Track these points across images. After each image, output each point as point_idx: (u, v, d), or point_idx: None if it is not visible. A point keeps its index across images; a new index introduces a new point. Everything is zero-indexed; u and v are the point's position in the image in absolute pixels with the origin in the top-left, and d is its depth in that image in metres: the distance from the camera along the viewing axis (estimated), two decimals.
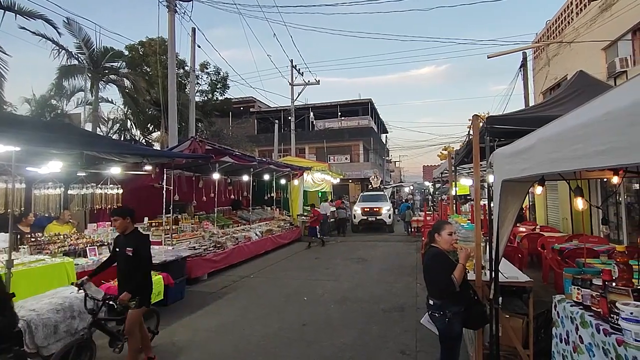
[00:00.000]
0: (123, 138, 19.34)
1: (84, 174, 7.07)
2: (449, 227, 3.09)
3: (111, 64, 18.22)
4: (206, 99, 22.15)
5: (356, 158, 30.27)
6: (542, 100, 8.18)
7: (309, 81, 21.94)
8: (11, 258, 4.27)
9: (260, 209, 13.95)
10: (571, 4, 11.13)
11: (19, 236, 5.60)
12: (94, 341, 3.67)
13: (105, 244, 6.48)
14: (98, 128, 17.22)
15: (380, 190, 21.52)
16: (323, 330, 4.99)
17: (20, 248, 5.43)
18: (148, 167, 7.25)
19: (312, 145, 30.33)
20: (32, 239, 5.65)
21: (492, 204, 3.23)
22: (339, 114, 30.55)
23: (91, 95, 17.30)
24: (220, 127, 23.80)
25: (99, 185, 7.20)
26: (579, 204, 4.07)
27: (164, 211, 7.77)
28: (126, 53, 19.30)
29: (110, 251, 4.63)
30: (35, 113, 16.09)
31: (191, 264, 7.35)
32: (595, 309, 2.41)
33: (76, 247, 5.90)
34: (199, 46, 12.87)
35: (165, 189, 7.71)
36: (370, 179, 25.24)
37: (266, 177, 12.73)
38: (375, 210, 16.37)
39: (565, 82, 5.73)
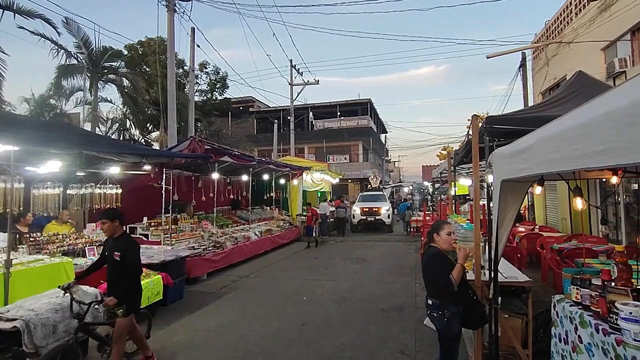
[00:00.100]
0: (122, 138, 19.31)
1: (83, 174, 7.06)
2: (448, 227, 3.09)
3: (110, 63, 18.18)
4: (205, 98, 22.13)
5: (355, 158, 30.29)
6: (542, 101, 8.19)
7: (308, 81, 21.97)
8: (10, 258, 4.26)
9: (260, 209, 13.95)
10: (570, 4, 11.15)
11: (17, 236, 5.59)
12: (80, 346, 3.47)
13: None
14: (97, 128, 17.18)
15: (379, 190, 21.52)
16: (322, 330, 4.98)
17: (19, 248, 5.42)
18: (147, 167, 7.24)
19: (312, 145, 30.35)
20: (31, 239, 5.63)
21: (492, 204, 3.24)
22: (338, 113, 30.56)
23: (90, 95, 17.28)
24: (219, 127, 23.79)
25: (98, 185, 7.19)
26: (578, 203, 4.08)
27: (163, 211, 7.77)
28: (125, 53, 19.27)
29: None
30: (34, 113, 16.06)
31: (190, 263, 7.35)
32: (594, 309, 2.42)
33: (75, 247, 5.89)
34: (199, 46, 12.87)
35: (164, 189, 7.70)
36: (370, 179, 25.25)
37: (265, 177, 12.73)
38: (374, 210, 16.37)
39: (565, 83, 5.74)
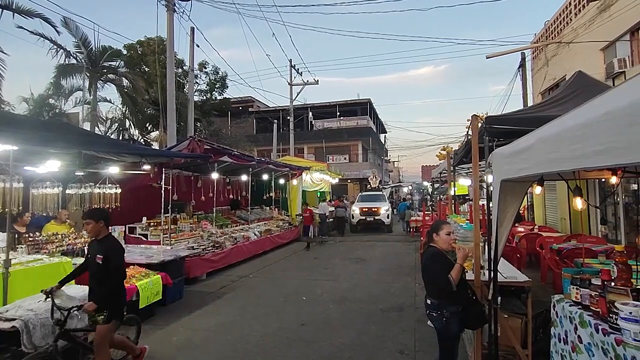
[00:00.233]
0: (121, 137, 19.29)
1: (82, 174, 7.05)
2: (447, 227, 3.10)
3: (109, 63, 18.16)
4: (205, 98, 22.11)
5: (355, 158, 30.29)
6: (541, 101, 8.20)
7: (307, 81, 21.96)
8: (9, 258, 4.26)
9: (259, 209, 13.94)
10: (570, 4, 11.15)
11: (16, 236, 5.58)
12: (61, 354, 3.28)
13: None
14: (96, 127, 17.16)
15: (378, 190, 21.53)
16: (322, 330, 4.98)
17: (18, 248, 5.41)
18: (146, 167, 7.22)
19: (311, 145, 30.35)
20: (30, 239, 5.63)
21: (491, 204, 3.24)
22: (338, 113, 30.56)
23: (89, 95, 17.25)
24: (219, 127, 23.78)
25: (97, 185, 7.18)
26: (578, 203, 4.08)
27: (163, 211, 7.76)
28: (124, 52, 19.24)
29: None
30: (33, 112, 16.03)
31: (190, 263, 7.35)
32: (594, 309, 2.42)
33: (74, 247, 5.88)
34: (198, 46, 12.85)
35: (163, 189, 7.69)
36: (369, 179, 25.26)
37: (265, 177, 12.73)
38: (373, 210, 16.36)
39: (564, 83, 5.74)
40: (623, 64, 8.65)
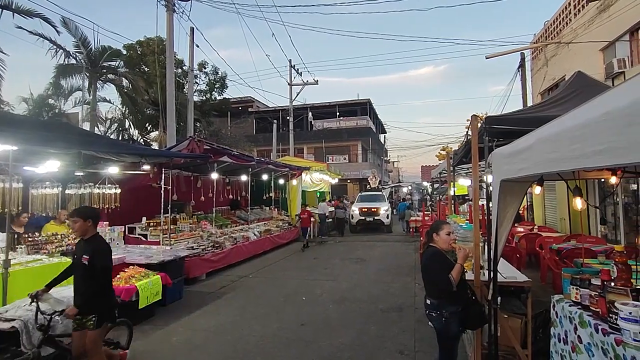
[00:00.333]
0: (121, 138, 19.28)
1: (82, 174, 7.05)
2: (447, 227, 3.10)
3: (109, 63, 18.15)
4: (204, 98, 22.09)
5: (354, 158, 30.29)
6: (541, 101, 8.20)
7: (307, 81, 21.94)
8: (8, 258, 4.26)
9: (259, 209, 13.93)
10: (569, 4, 11.16)
11: (16, 236, 5.57)
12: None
13: None
14: (96, 127, 17.15)
15: (378, 191, 21.52)
16: (321, 330, 4.98)
17: (17, 248, 5.41)
18: (146, 167, 7.22)
19: (311, 145, 30.34)
20: (30, 239, 5.62)
21: (491, 204, 3.24)
22: (338, 114, 30.55)
23: (89, 95, 17.24)
24: (218, 127, 23.77)
25: (97, 185, 7.18)
26: (578, 203, 4.08)
27: (162, 211, 7.75)
28: (124, 52, 19.23)
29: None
30: (33, 112, 16.03)
31: (189, 263, 7.35)
32: (594, 309, 2.42)
33: (74, 247, 5.85)
34: (198, 46, 12.83)
35: (163, 189, 7.69)
36: (369, 179, 25.25)
37: (265, 177, 12.72)
38: (373, 210, 16.34)
39: (564, 83, 5.74)
40: (622, 64, 8.66)
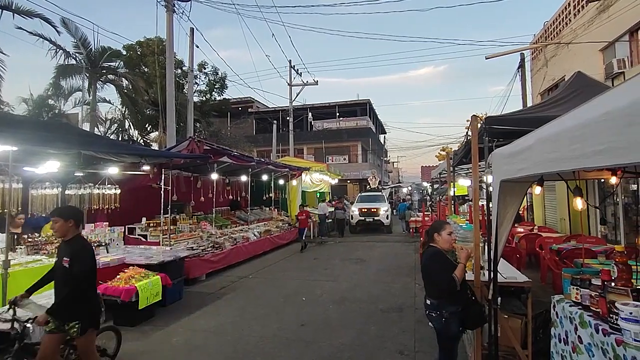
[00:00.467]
0: (121, 138, 19.28)
1: (82, 174, 7.05)
2: (449, 227, 3.11)
3: (109, 63, 18.17)
4: (204, 99, 22.10)
5: (354, 158, 30.30)
6: (541, 101, 8.20)
7: (307, 81, 21.96)
8: (8, 258, 4.25)
9: (259, 210, 13.93)
10: (569, 5, 11.17)
11: (16, 236, 5.57)
12: None
13: (103, 244, 6.46)
14: (96, 128, 17.16)
15: (378, 191, 21.51)
16: (321, 330, 4.98)
17: (17, 248, 5.41)
18: (146, 167, 7.23)
19: (311, 145, 30.35)
20: (29, 240, 5.62)
21: (491, 205, 3.24)
22: (337, 114, 30.56)
23: (89, 95, 17.25)
24: (218, 128, 23.77)
25: (97, 186, 7.18)
26: (578, 203, 4.08)
27: (162, 211, 7.75)
28: (124, 53, 19.24)
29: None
30: (33, 113, 16.04)
31: (189, 264, 7.34)
32: (594, 309, 2.42)
33: None
34: (197, 46, 12.83)
35: (163, 189, 7.69)
36: (369, 180, 25.25)
37: (264, 178, 12.72)
38: (372, 210, 16.32)
39: (563, 83, 5.74)
40: (622, 65, 8.66)
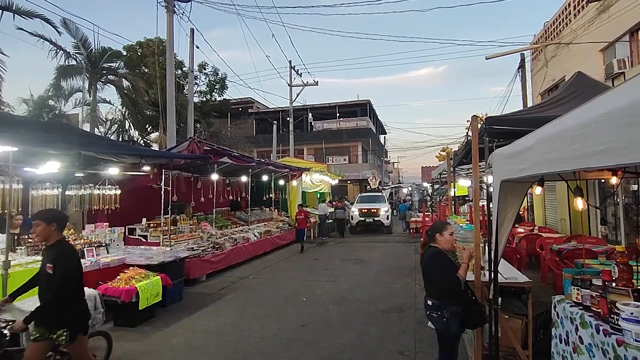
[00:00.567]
0: (121, 139, 19.29)
1: (82, 175, 7.05)
2: (450, 227, 3.13)
3: (109, 64, 18.18)
4: (204, 99, 22.10)
5: (354, 159, 30.30)
6: (541, 101, 8.20)
7: (307, 82, 21.98)
8: (8, 259, 4.25)
9: (259, 210, 13.93)
10: (569, 5, 11.18)
11: (16, 237, 5.56)
12: None
13: (103, 245, 6.46)
14: (96, 129, 17.16)
15: (378, 191, 21.50)
16: (322, 331, 4.98)
17: (17, 249, 5.40)
18: (146, 168, 7.23)
19: (311, 146, 30.36)
20: (30, 240, 5.62)
21: (491, 205, 3.23)
22: (338, 114, 30.56)
23: (89, 96, 17.26)
24: (218, 128, 23.78)
25: (97, 186, 7.18)
26: (579, 204, 4.08)
27: (162, 212, 7.74)
28: (124, 53, 19.24)
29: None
30: (33, 113, 16.04)
31: (190, 265, 7.34)
32: (595, 310, 2.41)
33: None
34: (198, 47, 12.84)
35: (163, 190, 7.69)
36: (369, 180, 25.26)
37: (265, 178, 12.72)
38: (373, 211, 16.30)
39: (564, 83, 5.75)
40: (622, 65, 8.66)
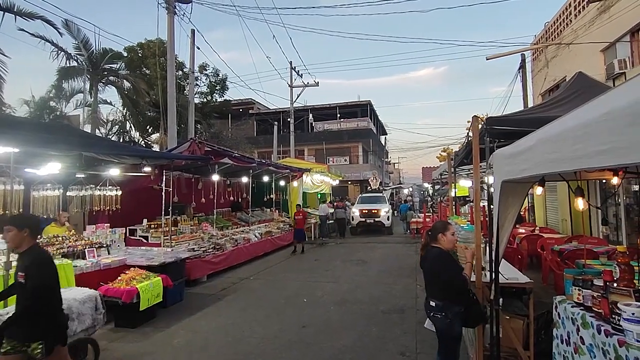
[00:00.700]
0: (122, 140, 19.31)
1: (83, 176, 7.07)
2: (452, 227, 3.17)
3: (110, 65, 18.22)
4: (205, 100, 22.12)
5: (355, 160, 30.28)
6: (542, 102, 8.19)
7: (308, 83, 21.99)
8: (9, 260, 4.25)
9: (260, 211, 13.93)
10: (570, 5, 11.17)
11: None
12: None
13: (104, 245, 6.46)
14: (97, 130, 17.19)
15: (379, 192, 21.49)
16: (323, 332, 4.97)
17: None
18: (147, 169, 7.24)
19: (311, 146, 30.34)
20: None
21: (492, 205, 3.23)
22: (338, 115, 30.56)
23: (90, 97, 17.30)
24: (219, 129, 23.78)
25: (98, 187, 7.20)
26: (580, 204, 4.07)
27: (163, 213, 7.75)
28: (125, 55, 19.27)
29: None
30: (34, 115, 16.07)
31: (190, 265, 7.34)
32: (596, 310, 2.40)
33: (75, 249, 5.88)
34: (198, 48, 12.86)
35: (164, 191, 7.69)
36: (369, 181, 25.25)
37: (265, 179, 12.72)
38: (373, 212, 16.27)
39: (565, 84, 5.74)
40: (623, 65, 8.64)
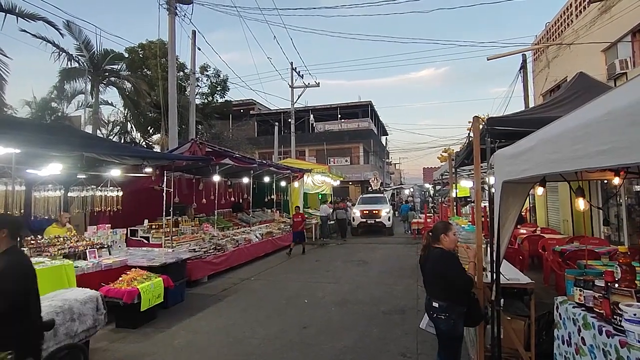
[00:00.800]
0: (123, 140, 19.36)
1: (84, 176, 7.08)
2: (454, 228, 3.18)
3: (111, 66, 18.27)
4: (206, 101, 22.16)
5: (356, 160, 30.29)
6: (543, 102, 8.18)
7: (309, 83, 22.03)
8: None
9: (261, 211, 13.93)
10: (571, 5, 11.16)
11: (18, 239, 5.57)
12: None
13: (105, 246, 6.47)
14: (98, 130, 17.24)
15: (380, 193, 21.46)
16: (323, 332, 4.97)
17: None
18: (148, 170, 7.24)
19: (312, 147, 30.36)
20: (32, 242, 5.64)
21: (493, 206, 3.23)
22: (339, 116, 30.59)
23: (91, 98, 17.35)
24: (220, 130, 23.83)
25: (99, 188, 7.20)
26: (581, 204, 4.06)
27: (164, 213, 7.75)
28: (126, 56, 19.32)
29: None
30: (36, 115, 16.14)
31: (191, 266, 7.34)
32: (597, 311, 2.40)
33: (76, 250, 5.89)
34: (199, 49, 12.91)
35: (165, 191, 7.70)
36: (370, 181, 25.22)
37: (266, 180, 12.72)
38: (374, 212, 16.25)
39: (566, 84, 5.73)
40: (625, 65, 8.63)
